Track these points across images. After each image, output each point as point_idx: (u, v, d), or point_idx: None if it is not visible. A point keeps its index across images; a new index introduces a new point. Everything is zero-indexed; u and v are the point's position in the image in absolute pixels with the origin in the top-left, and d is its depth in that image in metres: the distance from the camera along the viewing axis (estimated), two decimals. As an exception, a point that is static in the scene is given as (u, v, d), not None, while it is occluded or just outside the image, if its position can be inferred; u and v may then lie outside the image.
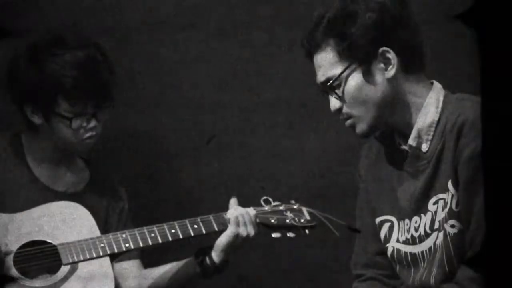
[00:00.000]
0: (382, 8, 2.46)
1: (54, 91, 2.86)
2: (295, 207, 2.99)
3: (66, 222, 2.88)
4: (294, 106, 3.44)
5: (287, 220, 2.96)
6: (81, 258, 2.83)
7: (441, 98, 2.51)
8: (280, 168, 3.48)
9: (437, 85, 2.55)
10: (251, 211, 2.92)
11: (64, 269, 2.83)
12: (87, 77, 2.86)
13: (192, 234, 2.89)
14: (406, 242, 2.54)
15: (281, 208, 2.98)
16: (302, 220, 2.96)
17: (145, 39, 3.40)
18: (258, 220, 2.93)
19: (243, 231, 2.88)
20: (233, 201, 2.95)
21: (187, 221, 2.90)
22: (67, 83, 2.85)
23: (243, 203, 2.93)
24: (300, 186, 3.45)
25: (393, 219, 2.58)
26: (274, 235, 2.95)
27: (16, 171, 2.95)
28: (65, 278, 2.83)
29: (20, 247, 2.82)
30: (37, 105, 2.89)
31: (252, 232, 2.89)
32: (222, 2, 3.40)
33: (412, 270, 2.54)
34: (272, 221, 2.95)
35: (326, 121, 3.33)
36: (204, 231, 2.89)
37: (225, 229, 2.90)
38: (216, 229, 2.90)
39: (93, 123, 2.91)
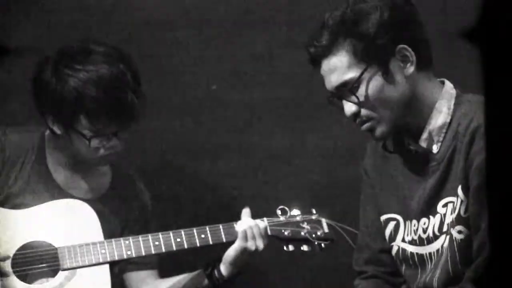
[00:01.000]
0: (393, 6, 2.38)
1: (75, 107, 2.72)
2: (313, 217, 2.83)
3: (69, 222, 2.79)
4: (294, 106, 3.35)
5: (302, 233, 2.80)
6: (80, 264, 2.74)
7: (453, 99, 2.44)
8: (280, 168, 3.38)
9: (448, 85, 2.47)
10: (261, 223, 2.78)
11: (63, 274, 2.74)
12: (110, 97, 2.71)
13: (198, 244, 2.77)
14: (412, 242, 2.49)
15: (297, 219, 2.83)
16: (318, 233, 2.80)
17: (145, 39, 3.31)
18: (269, 233, 2.78)
19: (251, 245, 2.74)
20: (245, 212, 2.81)
21: (194, 230, 2.78)
22: (88, 102, 2.70)
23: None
24: (300, 186, 3.35)
25: (399, 218, 2.52)
26: (286, 248, 2.81)
27: (36, 171, 2.86)
28: (63, 283, 2.74)
29: (21, 248, 2.74)
30: (58, 117, 2.77)
31: (260, 246, 2.75)
32: (223, 2, 3.32)
33: (419, 270, 2.49)
34: (286, 233, 2.80)
35: (326, 120, 3.27)
36: (211, 242, 2.77)
37: (233, 240, 2.76)
38: (224, 240, 2.77)
39: (113, 142, 2.77)
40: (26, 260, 2.73)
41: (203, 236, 2.76)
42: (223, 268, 2.78)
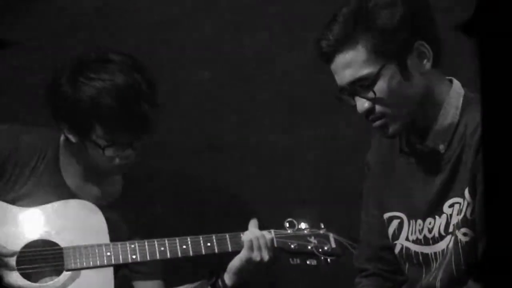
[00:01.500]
0: (410, 1, 2.35)
1: (90, 116, 2.72)
2: (321, 232, 2.81)
3: (77, 222, 2.78)
4: (294, 106, 3.34)
5: (309, 247, 2.79)
6: (84, 265, 2.73)
7: (461, 98, 2.41)
8: (280, 168, 3.37)
9: (456, 84, 2.44)
10: (268, 234, 2.76)
11: (67, 274, 2.74)
12: (125, 107, 2.71)
13: (203, 252, 2.75)
14: (417, 241, 2.46)
15: (305, 232, 2.81)
16: (325, 248, 2.79)
17: (145, 39, 3.31)
18: (276, 244, 2.77)
19: (256, 256, 2.73)
20: (252, 223, 2.80)
21: (201, 238, 2.77)
22: (103, 111, 2.70)
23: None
24: (300, 186, 3.34)
25: (403, 216, 2.50)
26: (292, 261, 2.79)
27: (48, 174, 2.86)
28: (66, 283, 2.73)
29: (26, 246, 2.74)
30: (73, 126, 2.77)
31: (266, 257, 2.73)
32: (222, 2, 3.32)
33: (424, 270, 2.46)
34: (292, 246, 2.79)
35: (326, 120, 3.25)
36: (216, 251, 2.75)
37: (239, 250, 2.75)
38: (230, 249, 2.76)
39: (127, 152, 2.77)
40: (31, 258, 2.73)
41: (209, 244, 2.75)
42: (227, 278, 2.76)
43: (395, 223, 2.51)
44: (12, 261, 2.72)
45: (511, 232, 1.55)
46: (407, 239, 2.48)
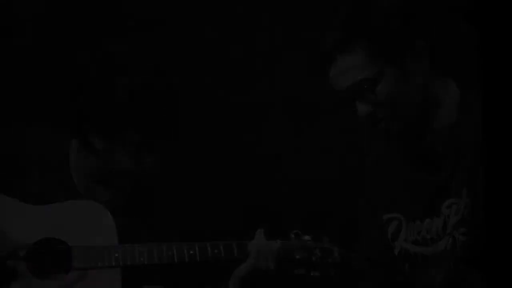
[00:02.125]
0: (409, 2, 2.40)
1: (123, 121, 2.78)
2: (326, 245, 2.84)
3: (86, 223, 2.82)
4: (295, 106, 3.36)
5: (313, 258, 2.81)
6: (92, 265, 2.76)
7: (459, 98, 2.44)
8: (280, 168, 3.39)
9: (452, 84, 2.48)
10: (274, 244, 2.79)
11: (74, 273, 2.76)
12: (156, 111, 2.78)
13: (210, 258, 2.78)
14: (415, 242, 2.48)
15: (310, 244, 2.84)
16: (329, 261, 2.81)
17: (144, 39, 3.36)
18: (281, 255, 2.79)
19: (261, 265, 2.76)
20: (259, 232, 2.83)
21: (208, 244, 2.80)
22: (136, 115, 2.77)
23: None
24: (300, 186, 3.36)
25: (402, 217, 2.51)
26: (297, 271, 2.81)
27: (58, 175, 2.91)
28: (73, 282, 2.76)
29: (36, 243, 2.77)
30: (101, 131, 2.82)
31: (271, 266, 2.76)
32: (222, 2, 3.36)
33: (422, 270, 2.48)
34: (297, 257, 2.81)
35: (326, 121, 3.27)
36: (223, 258, 2.78)
37: (245, 258, 2.78)
38: (236, 257, 2.79)
39: (154, 156, 2.84)
40: (39, 255, 2.76)
41: (215, 251, 2.78)
42: (232, 285, 2.78)
43: (393, 224, 2.53)
44: (21, 257, 2.76)
45: (511, 232, 1.58)
46: (406, 240, 2.51)
